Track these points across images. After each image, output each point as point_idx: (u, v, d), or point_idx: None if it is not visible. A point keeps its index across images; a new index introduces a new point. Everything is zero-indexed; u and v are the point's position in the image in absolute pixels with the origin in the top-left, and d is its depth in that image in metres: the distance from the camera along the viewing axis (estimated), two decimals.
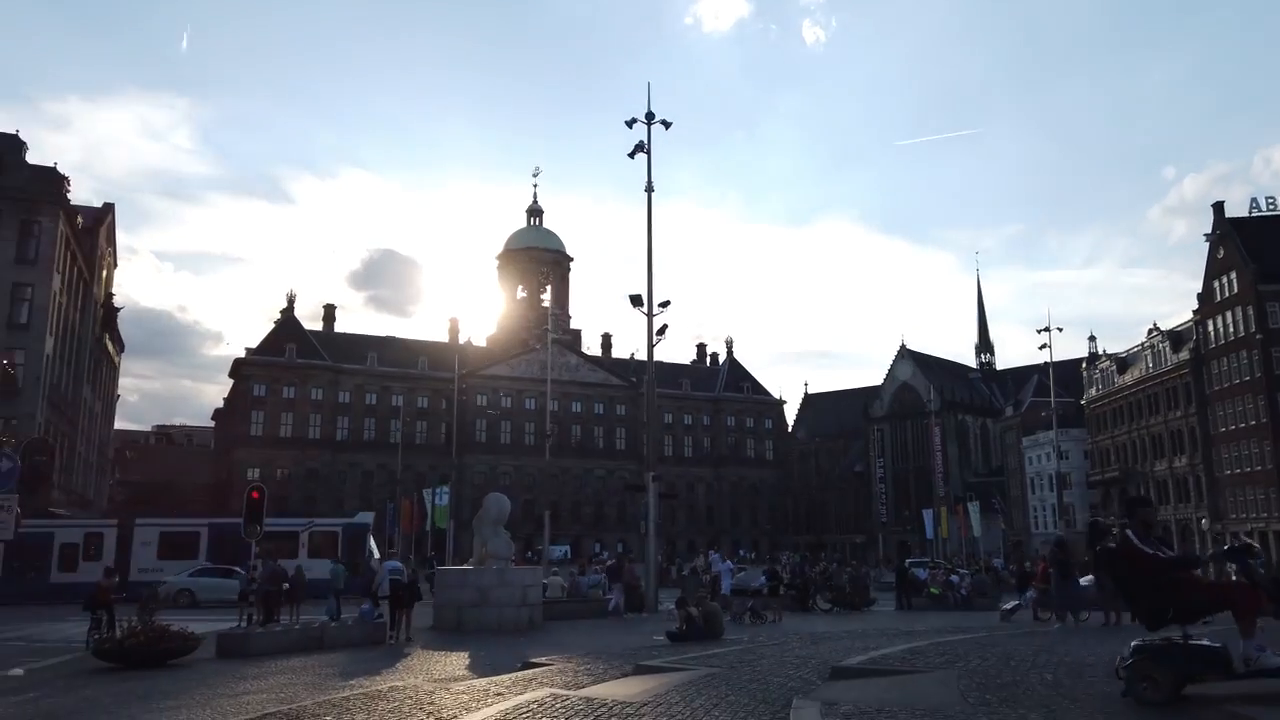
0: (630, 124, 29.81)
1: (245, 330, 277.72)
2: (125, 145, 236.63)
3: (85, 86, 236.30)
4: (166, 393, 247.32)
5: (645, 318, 29.23)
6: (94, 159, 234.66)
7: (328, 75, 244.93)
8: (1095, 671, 8.40)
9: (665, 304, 29.04)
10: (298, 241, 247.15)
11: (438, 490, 66.09)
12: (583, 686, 9.28)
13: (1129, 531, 6.97)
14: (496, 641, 17.84)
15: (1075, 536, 44.79)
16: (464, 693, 9.24)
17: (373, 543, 42.41)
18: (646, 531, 27.91)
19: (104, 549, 36.99)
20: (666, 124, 30.09)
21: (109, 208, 68.61)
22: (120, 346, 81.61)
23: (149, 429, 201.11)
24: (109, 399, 78.52)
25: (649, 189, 29.95)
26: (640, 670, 10.36)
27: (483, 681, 10.40)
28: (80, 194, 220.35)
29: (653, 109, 30.11)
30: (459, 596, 20.72)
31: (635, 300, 28.63)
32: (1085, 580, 17.87)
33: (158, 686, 12.18)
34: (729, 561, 25.30)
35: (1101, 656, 9.69)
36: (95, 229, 63.42)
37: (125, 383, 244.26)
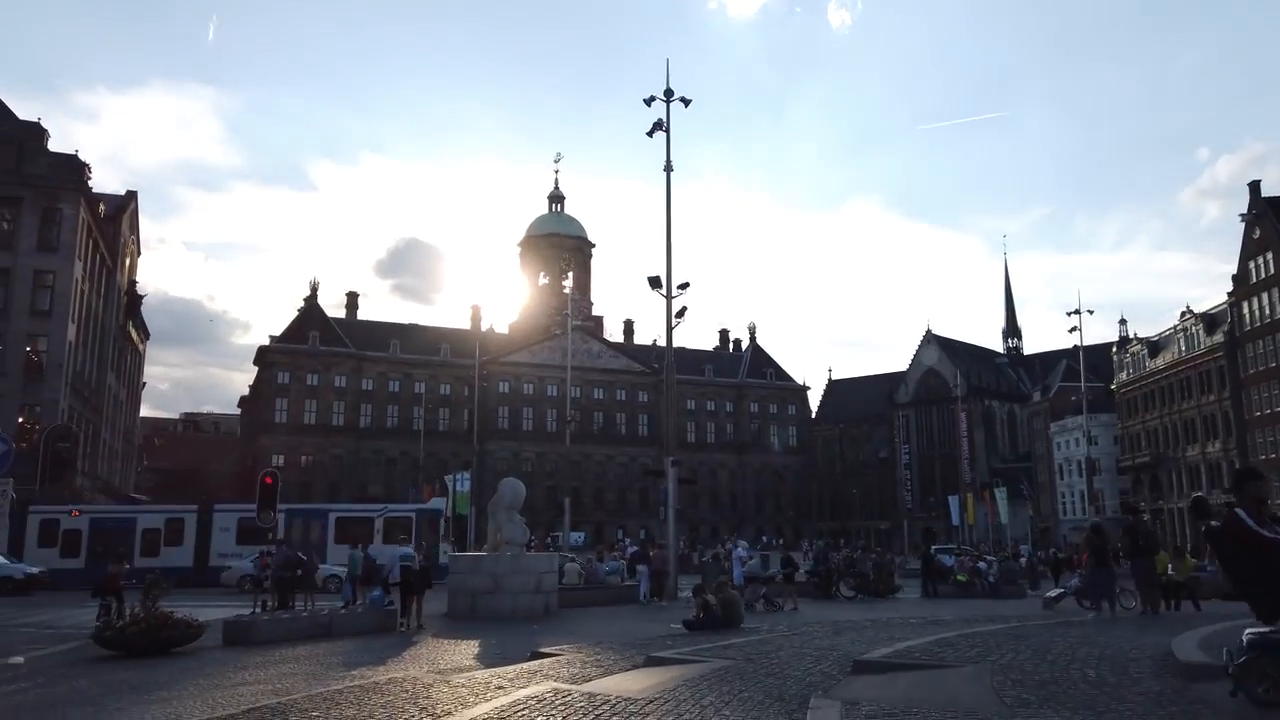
0: (649, 102, 29.12)
1: (272, 319, 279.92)
2: (153, 136, 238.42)
3: (113, 78, 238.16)
4: (196, 381, 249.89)
5: (664, 299, 28.61)
6: (122, 150, 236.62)
7: (351, 63, 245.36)
8: (1141, 667, 7.76)
9: (684, 286, 28.39)
10: (323, 229, 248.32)
11: (459, 476, 65.75)
12: (589, 679, 8.75)
13: (1240, 510, 6.15)
14: (509, 629, 17.38)
15: (1108, 523, 43.79)
16: (463, 685, 8.74)
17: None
18: (665, 518, 27.35)
19: (185, 534, 37.33)
20: (686, 101, 29.37)
21: (131, 195, 68.79)
22: (145, 334, 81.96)
23: (177, 417, 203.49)
24: (134, 386, 78.99)
25: (668, 168, 29.24)
26: (651, 662, 9.82)
27: (485, 673, 9.90)
28: (109, 185, 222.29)
29: (672, 87, 29.38)
30: (472, 583, 20.28)
31: (654, 282, 28.00)
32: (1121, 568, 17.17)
33: (155, 676, 11.78)
34: (741, 547, 24.60)
35: (1145, 649, 9.04)
36: (118, 217, 63.57)
37: (156, 371, 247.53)
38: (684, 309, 28.17)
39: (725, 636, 13.33)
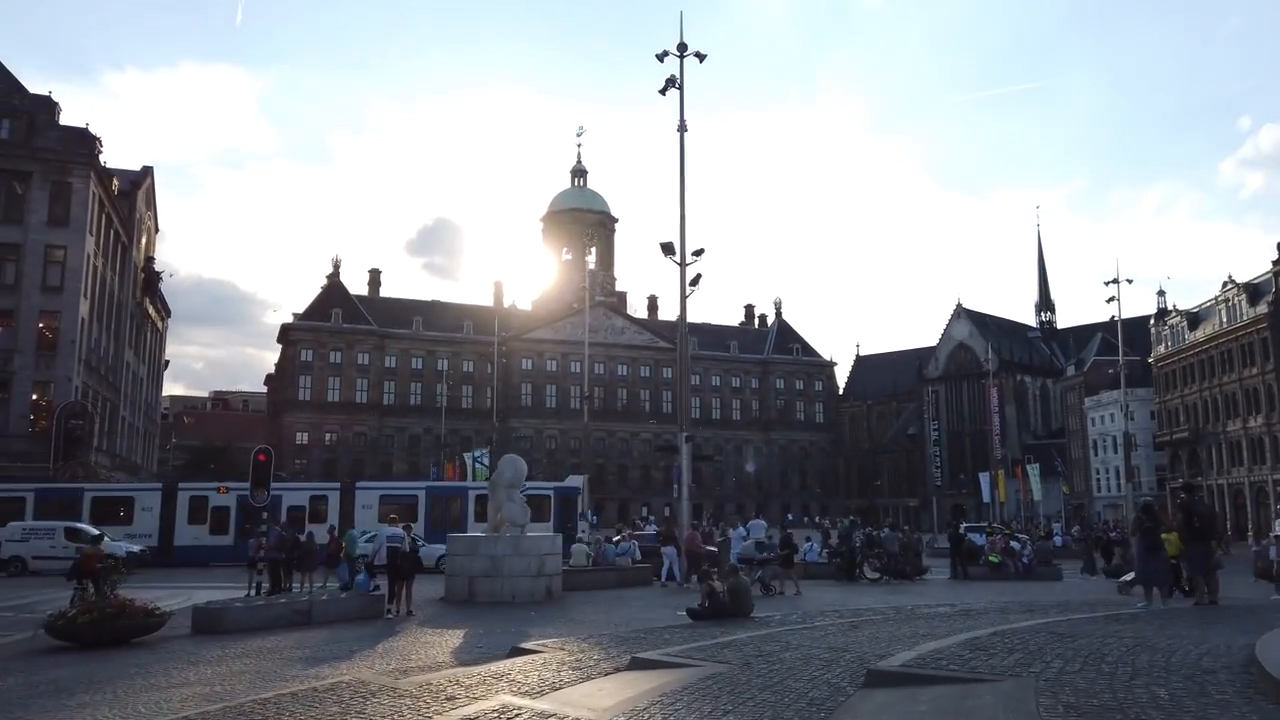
0: (661, 57, 27.55)
1: (302, 297, 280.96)
2: (185, 117, 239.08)
3: (144, 59, 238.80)
4: (230, 360, 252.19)
5: (678, 267, 27.19)
6: (154, 130, 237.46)
7: (376, 41, 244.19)
8: (1221, 681, 6.33)
9: (699, 252, 26.91)
10: (350, 208, 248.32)
11: (478, 453, 64.84)
12: (556, 688, 7.48)
13: None
14: (503, 616, 16.19)
15: (1146, 501, 41.92)
16: (409, 695, 7.48)
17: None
18: (679, 495, 26.04)
19: (328, 511, 37.13)
20: (701, 56, 27.79)
21: (147, 171, 68.04)
22: (165, 312, 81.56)
23: (206, 395, 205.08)
24: (155, 364, 78.65)
25: (681, 129, 27.66)
26: (636, 665, 8.52)
27: (446, 676, 8.66)
28: (138, 164, 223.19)
29: (686, 42, 27.75)
30: (470, 566, 19.09)
31: (666, 248, 26.53)
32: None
33: (94, 673, 10.65)
34: (740, 527, 23.17)
35: (1219, 655, 7.61)
36: (132, 193, 62.88)
37: (190, 350, 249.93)
38: (698, 276, 26.73)
39: (730, 629, 11.99)
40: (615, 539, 28.42)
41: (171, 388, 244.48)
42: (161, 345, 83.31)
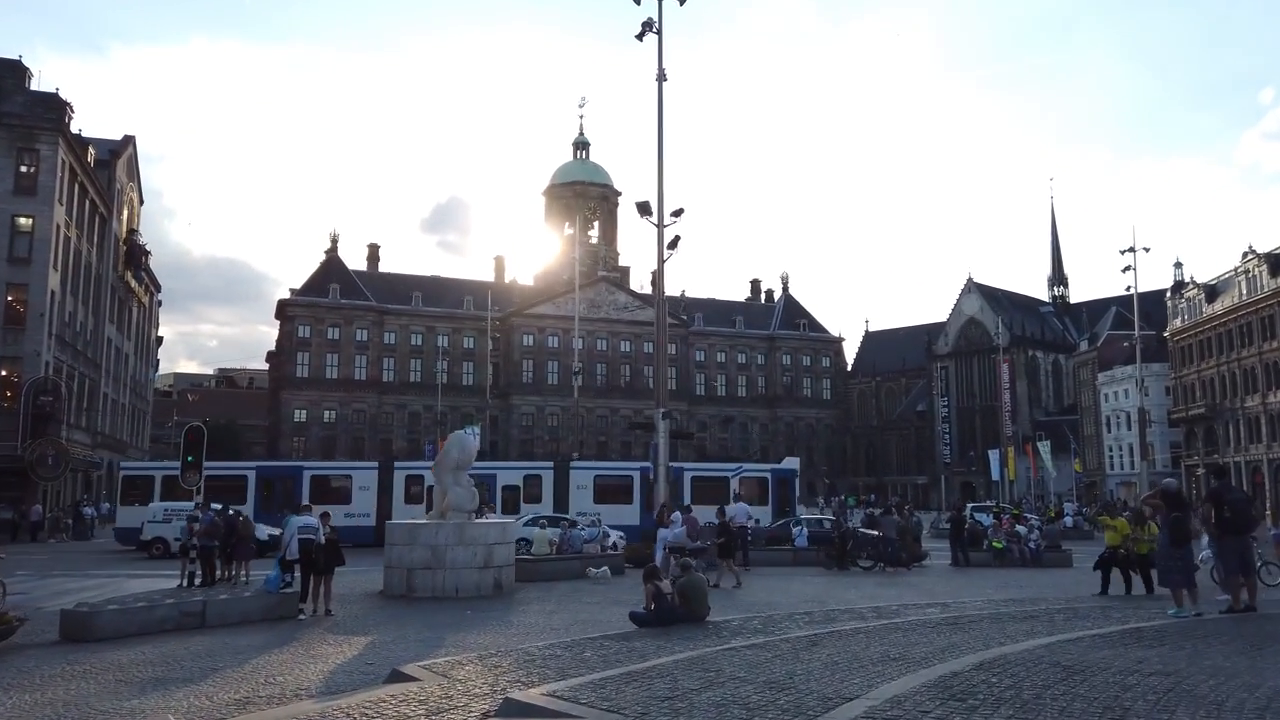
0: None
1: (307, 274, 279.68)
2: (197, 93, 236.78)
3: (156, 35, 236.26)
4: (245, 338, 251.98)
5: (663, 231, 25.07)
6: (166, 107, 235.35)
7: (384, 17, 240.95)
8: None
9: (678, 212, 24.76)
10: (360, 186, 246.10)
11: (470, 430, 62.95)
12: None
13: None
14: (433, 616, 14.27)
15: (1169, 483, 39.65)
16: None
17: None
18: (656, 477, 24.02)
19: (542, 491, 36.29)
20: None
21: (128, 140, 65.96)
22: (153, 287, 79.74)
23: (211, 372, 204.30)
24: (144, 341, 76.87)
25: (660, 78, 25.42)
26: (507, 711, 6.51)
27: (268, 718, 6.64)
28: (155, 146, 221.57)
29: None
30: (408, 557, 17.12)
31: (642, 208, 24.40)
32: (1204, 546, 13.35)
33: None
34: (679, 511, 21.11)
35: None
36: (112, 162, 60.83)
37: (205, 329, 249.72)
38: (677, 238, 24.58)
39: (670, 642, 9.99)
40: (589, 523, 26.36)
41: (187, 365, 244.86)
42: (152, 321, 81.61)
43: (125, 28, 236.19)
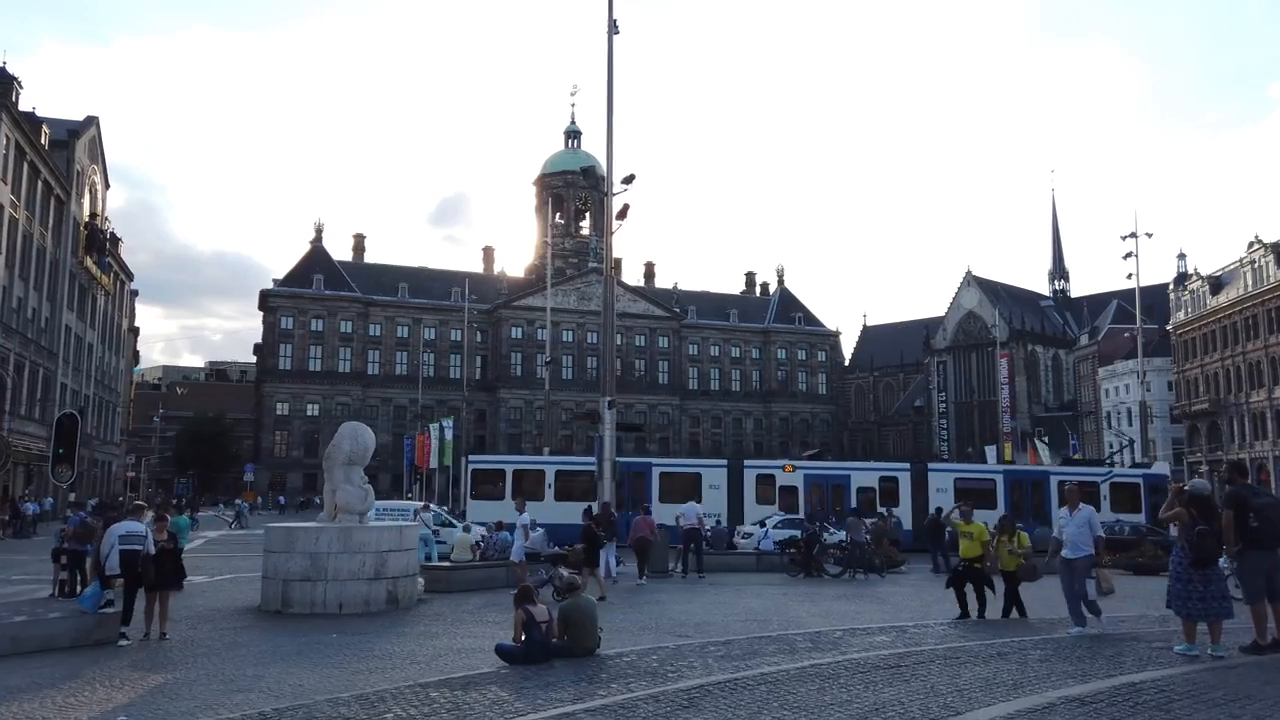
0: None
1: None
2: (200, 83, 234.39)
3: (159, 27, 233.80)
4: (248, 332, 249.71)
5: (624, 206, 22.62)
6: (170, 97, 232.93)
7: (383, 8, 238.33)
8: None
9: (629, 179, 22.29)
10: (360, 176, 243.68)
11: (445, 423, 60.51)
12: None
13: None
14: (287, 640, 11.90)
15: (1199, 486, 36.82)
16: None
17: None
18: (601, 473, 21.57)
19: (898, 495, 34.31)
20: None
21: (91, 121, 63.51)
22: (123, 275, 77.32)
23: (191, 364, 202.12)
24: (113, 331, 74.38)
25: (611, 30, 22.87)
26: None
27: None
28: (159, 142, 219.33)
29: None
30: (285, 566, 14.67)
31: (587, 174, 22.01)
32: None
33: None
34: (526, 513, 18.54)
35: None
36: (70, 143, 58.37)
37: (210, 323, 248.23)
38: (626, 206, 22.07)
39: (516, 693, 7.57)
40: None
41: (190, 359, 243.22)
42: (122, 311, 79.12)
43: (126, 16, 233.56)
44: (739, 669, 8.77)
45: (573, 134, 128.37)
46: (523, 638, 9.47)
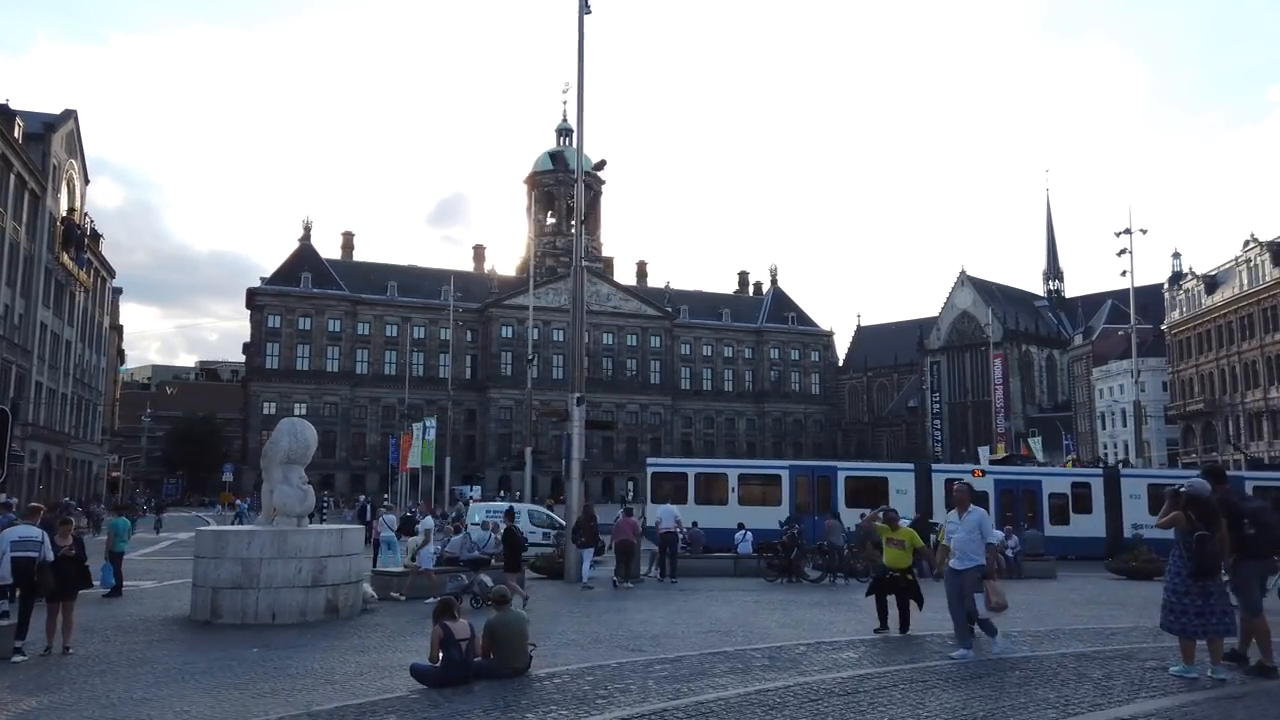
0: None
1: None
2: (197, 81, 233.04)
3: (155, 24, 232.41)
4: (242, 331, 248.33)
5: (576, 184, 21.78)
6: (167, 95, 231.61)
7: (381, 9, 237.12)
8: None
9: (600, 165, 21.32)
10: (361, 176, 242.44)
11: (426, 423, 59.31)
12: None
13: None
14: (201, 655, 10.91)
15: (1196, 485, 35.82)
16: None
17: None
18: (569, 473, 20.57)
19: (1092, 501, 32.76)
20: None
21: (69, 114, 62.29)
22: (107, 272, 76.15)
23: (189, 364, 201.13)
24: (93, 329, 73.15)
25: (582, 9, 21.88)
26: None
27: None
28: (158, 142, 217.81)
29: None
30: (214, 573, 13.65)
31: (555, 158, 21.02)
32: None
33: None
34: (431, 515, 17.64)
35: None
36: (47, 136, 57.22)
37: (207, 322, 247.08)
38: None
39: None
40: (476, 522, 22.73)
41: (186, 359, 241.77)
42: (104, 308, 77.88)
43: (124, 17, 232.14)
44: (678, 694, 7.78)
45: (564, 131, 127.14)
46: (438, 656, 8.46)
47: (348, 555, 14.48)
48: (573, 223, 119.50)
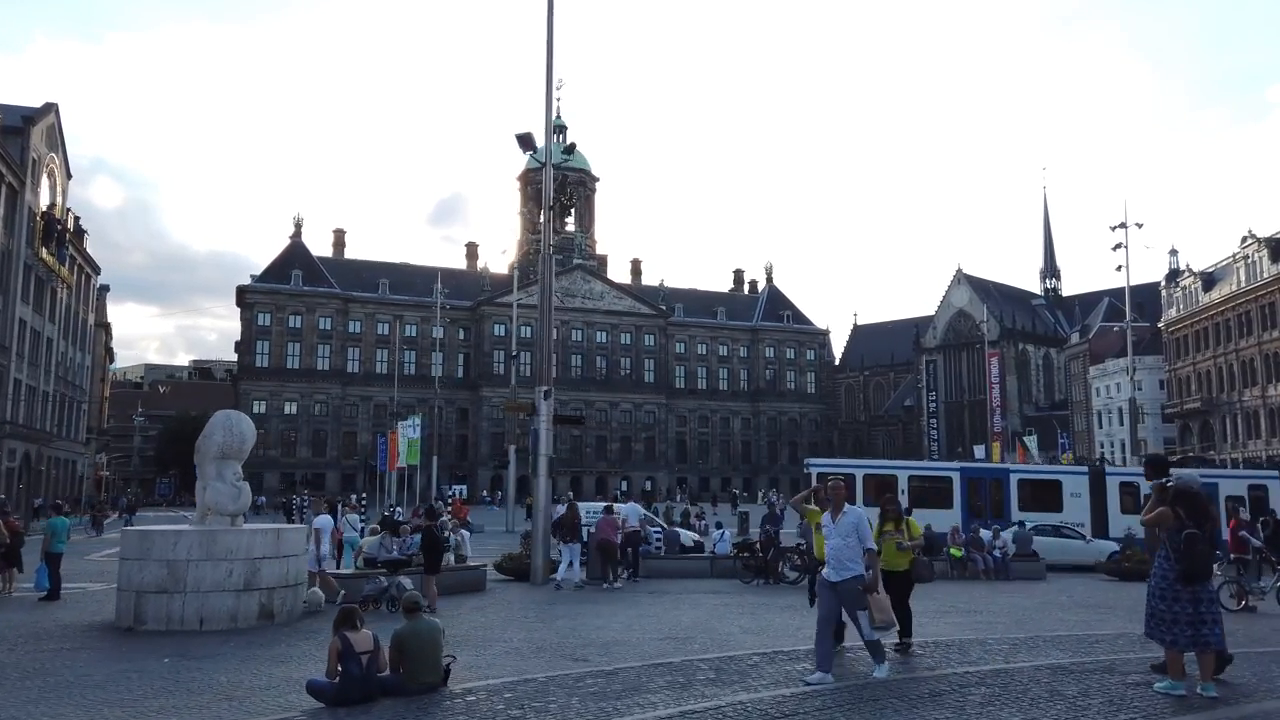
0: None
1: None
2: (193, 80, 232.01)
3: (151, 22, 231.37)
4: (238, 330, 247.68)
5: (543, 166, 21.02)
6: (163, 94, 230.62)
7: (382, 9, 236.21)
8: None
9: (569, 149, 20.45)
10: (353, 172, 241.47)
11: (411, 421, 58.43)
12: None
13: None
14: (107, 665, 10.10)
15: (1184, 480, 35.20)
16: None
17: None
18: (536, 470, 19.71)
19: (1267, 502, 31.05)
20: None
21: (49, 108, 61.33)
22: (91, 269, 75.16)
23: (186, 364, 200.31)
24: (77, 326, 72.20)
25: None
26: None
27: None
28: (154, 141, 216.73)
29: None
30: (138, 576, 12.78)
31: (525, 141, 20.15)
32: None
33: None
34: (354, 512, 16.72)
35: None
36: (26, 130, 56.29)
37: (205, 322, 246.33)
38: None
39: None
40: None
41: (185, 359, 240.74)
42: (88, 305, 76.91)
43: (119, 16, 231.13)
44: (598, 715, 6.89)
45: (559, 128, 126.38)
46: (337, 671, 7.58)
47: (285, 557, 13.60)
48: (568, 220, 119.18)
